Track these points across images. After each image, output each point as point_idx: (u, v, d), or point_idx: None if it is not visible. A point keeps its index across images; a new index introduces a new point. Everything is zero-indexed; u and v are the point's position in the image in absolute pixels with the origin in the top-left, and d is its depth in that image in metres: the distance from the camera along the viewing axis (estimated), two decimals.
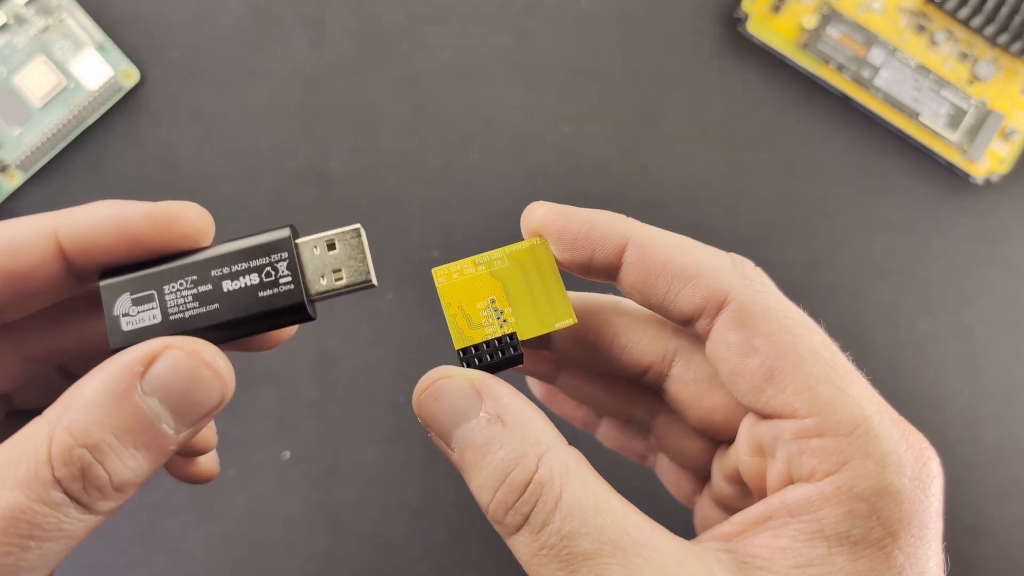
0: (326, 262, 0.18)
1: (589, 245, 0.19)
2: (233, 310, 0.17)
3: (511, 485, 0.17)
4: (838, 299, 0.35)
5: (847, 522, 0.16)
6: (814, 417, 0.17)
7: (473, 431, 0.17)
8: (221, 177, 0.34)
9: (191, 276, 0.18)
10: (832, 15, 0.34)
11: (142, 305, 0.18)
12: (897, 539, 0.16)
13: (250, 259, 0.18)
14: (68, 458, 0.15)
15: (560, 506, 0.16)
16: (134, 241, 0.17)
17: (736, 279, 0.18)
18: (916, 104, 0.34)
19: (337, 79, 0.35)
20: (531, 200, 0.37)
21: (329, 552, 0.33)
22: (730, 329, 0.18)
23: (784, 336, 0.18)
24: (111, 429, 0.16)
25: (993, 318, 0.35)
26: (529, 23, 0.35)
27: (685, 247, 0.19)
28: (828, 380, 0.17)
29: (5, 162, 0.33)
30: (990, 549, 0.34)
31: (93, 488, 0.15)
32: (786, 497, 0.17)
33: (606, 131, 0.35)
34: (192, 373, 0.16)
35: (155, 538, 0.33)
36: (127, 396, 0.16)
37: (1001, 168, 0.35)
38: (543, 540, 0.16)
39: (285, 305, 0.17)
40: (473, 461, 0.17)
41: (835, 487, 0.16)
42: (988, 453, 0.34)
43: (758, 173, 0.35)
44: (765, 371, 0.17)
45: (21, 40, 0.33)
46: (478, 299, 0.19)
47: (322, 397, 0.34)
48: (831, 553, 0.16)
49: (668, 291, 0.18)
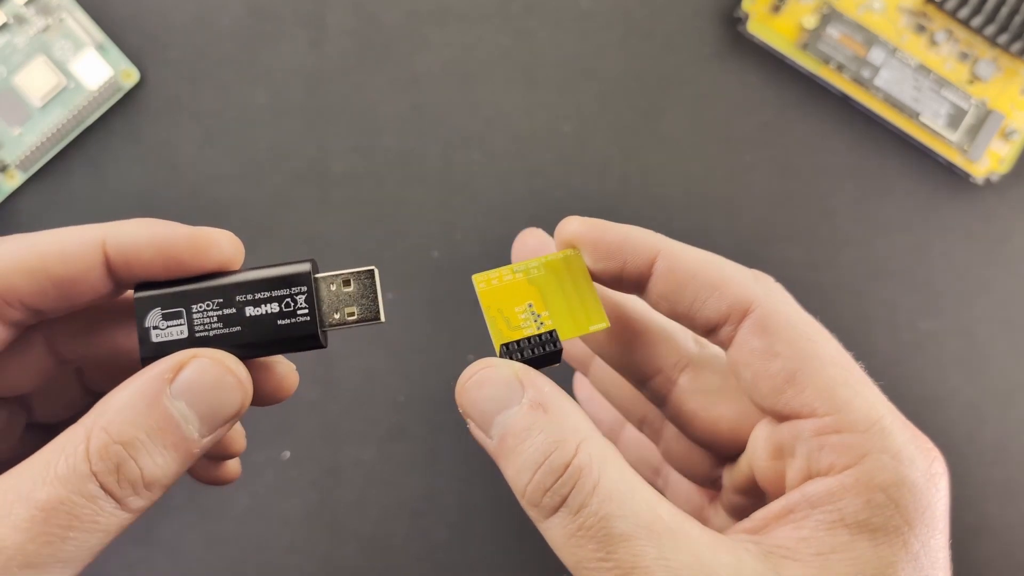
0: (341, 298, 0.20)
1: (621, 255, 0.20)
2: (253, 334, 0.19)
3: (550, 467, 0.17)
4: (838, 299, 0.35)
5: (867, 511, 0.17)
6: (833, 415, 0.18)
7: (515, 417, 0.18)
8: (221, 177, 0.34)
9: (217, 299, 0.19)
10: (832, 15, 0.34)
11: (171, 320, 0.19)
12: (913, 527, 0.17)
13: (272, 289, 0.19)
14: (105, 453, 0.17)
15: (598, 489, 0.17)
16: (172, 260, 0.19)
17: (759, 290, 0.20)
18: (916, 104, 0.34)
19: (337, 79, 0.35)
20: (531, 200, 0.37)
21: (329, 552, 0.33)
22: (754, 335, 0.19)
23: (804, 343, 0.19)
24: (143, 428, 0.17)
25: (993, 318, 0.35)
26: (529, 23, 0.35)
27: (712, 260, 0.20)
28: (845, 383, 0.18)
29: (5, 162, 0.33)
30: (991, 549, 0.34)
31: (127, 483, 0.17)
32: (807, 490, 0.18)
33: (606, 131, 0.35)
34: (217, 380, 0.18)
35: (155, 538, 0.33)
36: (157, 399, 0.17)
37: (1001, 168, 0.35)
38: (580, 521, 0.17)
39: (300, 335, 0.19)
40: (513, 445, 0.18)
41: (854, 479, 0.17)
42: (989, 453, 0.34)
43: (758, 173, 0.35)
44: (787, 374, 0.19)
45: (21, 40, 0.33)
46: (516, 303, 0.20)
47: (322, 397, 0.34)
48: (852, 540, 0.17)
49: (695, 300, 0.20)
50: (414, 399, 0.34)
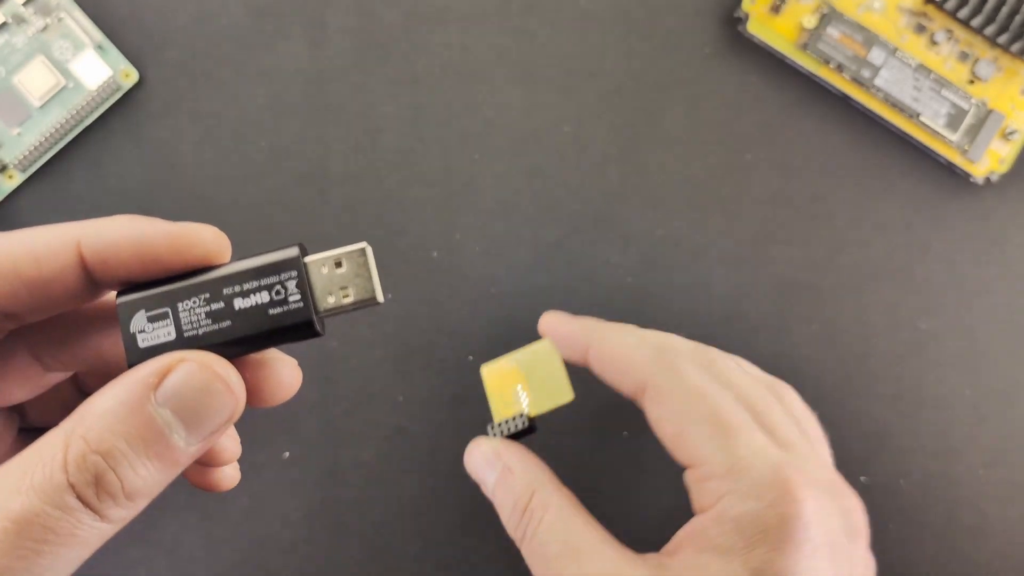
0: (333, 280, 0.18)
1: (567, 346, 0.27)
2: (244, 327, 0.18)
3: (514, 511, 0.25)
4: (838, 299, 0.35)
5: (719, 538, 0.22)
6: (703, 467, 0.23)
7: (494, 478, 0.26)
8: (220, 177, 0.34)
9: (204, 294, 0.18)
10: (832, 15, 0.34)
11: (157, 322, 0.18)
12: (752, 549, 0.22)
13: (260, 278, 0.18)
14: (83, 464, 0.16)
15: (541, 524, 0.24)
16: (152, 259, 0.18)
17: (653, 369, 0.25)
18: (916, 104, 0.34)
19: (337, 79, 0.35)
20: (531, 200, 0.37)
21: (329, 552, 0.33)
22: (651, 407, 0.25)
23: (687, 409, 0.24)
24: (124, 437, 0.16)
25: (993, 318, 0.35)
26: (529, 23, 0.35)
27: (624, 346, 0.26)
28: (711, 438, 0.23)
29: (4, 162, 0.33)
30: (991, 550, 0.34)
31: (106, 494, 0.16)
32: (690, 524, 0.23)
33: (606, 131, 0.35)
34: (204, 385, 0.17)
35: (155, 538, 0.33)
36: (140, 406, 0.16)
37: (1001, 168, 0.35)
38: (530, 547, 0.24)
39: (294, 323, 0.18)
40: (496, 496, 0.26)
41: (714, 513, 0.23)
42: (989, 453, 0.34)
43: (758, 173, 0.35)
44: (675, 436, 0.24)
45: (20, 40, 0.33)
46: (511, 385, 0.28)
47: (322, 397, 0.34)
48: (709, 560, 0.22)
49: (614, 382, 0.26)
50: (414, 399, 0.34)
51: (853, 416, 0.34)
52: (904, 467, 0.34)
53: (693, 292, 0.35)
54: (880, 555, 0.34)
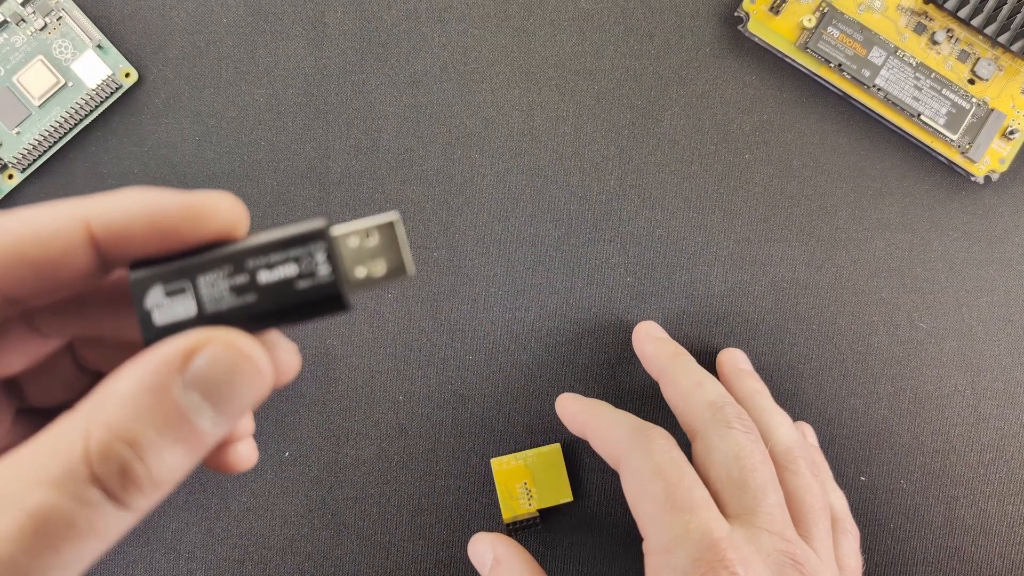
0: (363, 252, 0.17)
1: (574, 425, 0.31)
2: (270, 302, 0.17)
3: None
4: (838, 298, 0.35)
5: None
6: (647, 541, 0.26)
7: (489, 567, 0.30)
8: (221, 177, 0.34)
9: (227, 267, 0.17)
10: (832, 14, 0.34)
11: (176, 297, 0.17)
12: None
13: (287, 249, 0.17)
14: (107, 454, 0.15)
15: None
16: (167, 232, 0.17)
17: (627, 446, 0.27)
18: (916, 103, 0.34)
19: (337, 79, 0.35)
20: (531, 200, 0.37)
21: (329, 551, 0.33)
22: (622, 482, 0.27)
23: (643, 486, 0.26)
24: (151, 424, 0.15)
25: (993, 317, 0.35)
26: (528, 23, 0.35)
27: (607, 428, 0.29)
28: (653, 518, 0.26)
29: (3, 161, 0.33)
30: (992, 549, 0.34)
31: (132, 485, 0.15)
32: None
33: (605, 131, 0.35)
34: (233, 367, 0.16)
35: (155, 536, 0.33)
36: (167, 390, 0.15)
37: (1001, 167, 0.35)
38: None
39: (323, 296, 0.17)
40: None
41: None
42: (989, 452, 0.34)
43: (757, 172, 0.35)
44: (633, 510, 0.27)
45: (19, 39, 0.33)
46: (517, 481, 0.33)
47: (322, 396, 0.34)
48: None
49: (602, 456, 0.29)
50: (414, 399, 0.34)
51: (853, 416, 0.34)
52: (904, 467, 0.34)
53: (693, 292, 0.35)
54: (880, 555, 0.34)
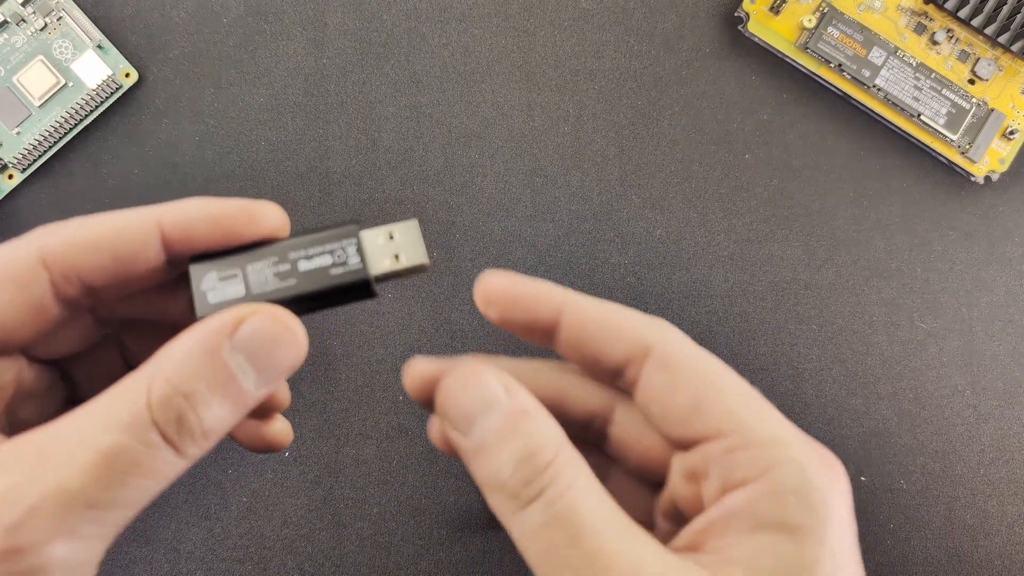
0: (388, 249, 0.21)
1: (534, 308, 0.21)
2: (308, 285, 0.20)
3: (533, 464, 0.19)
4: (838, 298, 0.35)
5: (782, 512, 0.19)
6: (739, 434, 0.20)
7: (502, 416, 0.19)
8: (221, 177, 0.34)
9: (272, 257, 0.20)
10: (832, 15, 0.34)
11: (227, 281, 0.20)
12: (825, 525, 0.19)
13: (324, 244, 0.21)
14: (167, 404, 0.17)
15: (572, 488, 0.18)
16: (227, 230, 0.20)
17: (657, 332, 0.21)
18: (916, 104, 0.34)
19: (337, 79, 0.35)
20: (530, 200, 0.37)
21: (329, 551, 0.33)
22: (657, 372, 0.21)
23: (704, 375, 0.21)
24: (204, 380, 0.18)
25: (993, 317, 0.35)
26: (528, 23, 0.35)
27: (612, 309, 0.22)
28: (745, 406, 0.20)
29: (3, 161, 0.33)
30: (992, 549, 0.34)
31: (186, 432, 0.17)
32: (724, 504, 0.19)
33: (606, 131, 0.35)
34: (275, 335, 0.19)
35: (155, 537, 0.33)
36: (217, 351, 0.18)
37: (1002, 168, 0.35)
38: (555, 511, 0.18)
39: (353, 281, 0.20)
40: (496, 442, 0.19)
41: (766, 486, 0.19)
42: (989, 452, 0.34)
43: (757, 172, 0.35)
44: (692, 403, 0.20)
45: (20, 40, 0.33)
46: None
47: (322, 396, 0.34)
48: (775, 540, 0.18)
49: (601, 345, 0.21)
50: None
51: (853, 416, 0.34)
52: (904, 467, 0.34)
53: (693, 292, 0.35)
54: (880, 555, 0.34)
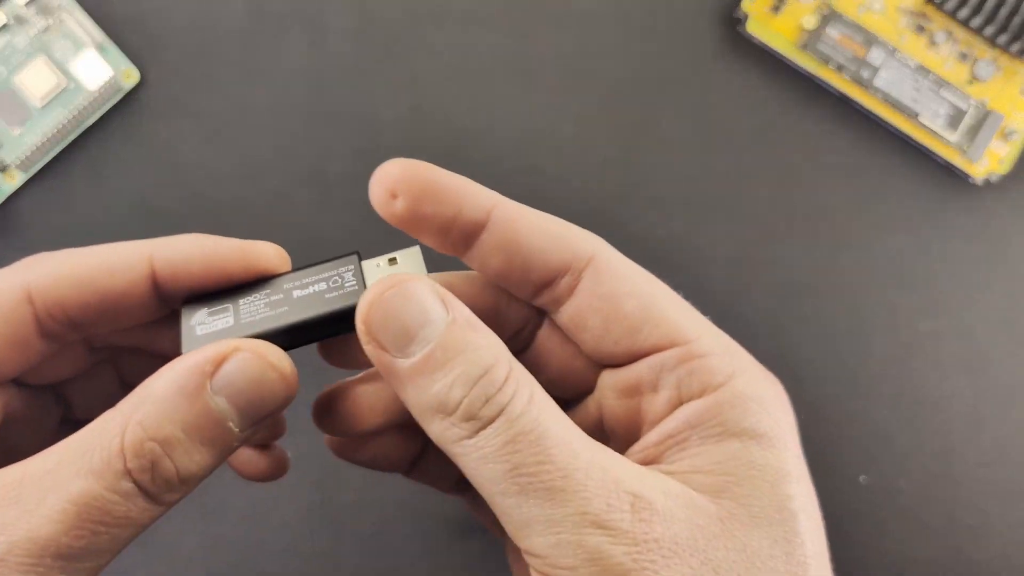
0: (388, 273, 0.19)
1: (457, 202, 0.19)
2: (301, 312, 0.19)
3: (490, 379, 0.17)
4: (838, 299, 0.35)
5: (748, 419, 0.18)
6: (695, 343, 0.19)
7: (446, 331, 0.17)
8: (221, 177, 0.34)
9: (266, 290, 0.19)
10: (832, 15, 0.34)
11: (217, 316, 0.19)
12: (786, 432, 0.18)
13: (320, 273, 0.19)
14: (139, 450, 0.16)
15: (534, 400, 0.17)
16: (220, 272, 0.19)
17: (597, 243, 0.20)
18: (916, 104, 0.34)
19: (337, 79, 0.35)
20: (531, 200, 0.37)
21: (329, 552, 0.33)
22: (602, 279, 0.19)
23: (646, 285, 0.20)
24: (180, 425, 0.17)
25: (993, 318, 0.35)
26: (529, 23, 0.35)
27: (549, 216, 0.20)
28: (693, 317, 0.20)
29: (5, 162, 0.33)
30: (992, 550, 0.34)
31: (161, 480, 0.17)
32: (683, 415, 0.18)
33: (606, 131, 0.35)
34: (259, 375, 0.17)
35: (154, 539, 0.33)
36: (197, 394, 0.17)
37: (1001, 168, 0.35)
38: (519, 427, 0.16)
39: (350, 304, 0.18)
40: (444, 359, 0.17)
41: (730, 393, 0.18)
42: (989, 453, 0.34)
43: (758, 173, 0.35)
44: (641, 311, 0.19)
45: (21, 40, 0.34)
46: None
47: None
48: (744, 446, 0.18)
49: (535, 250, 0.19)
50: None
51: (853, 416, 0.34)
52: (904, 467, 0.34)
53: (693, 292, 0.35)
54: (880, 555, 0.34)
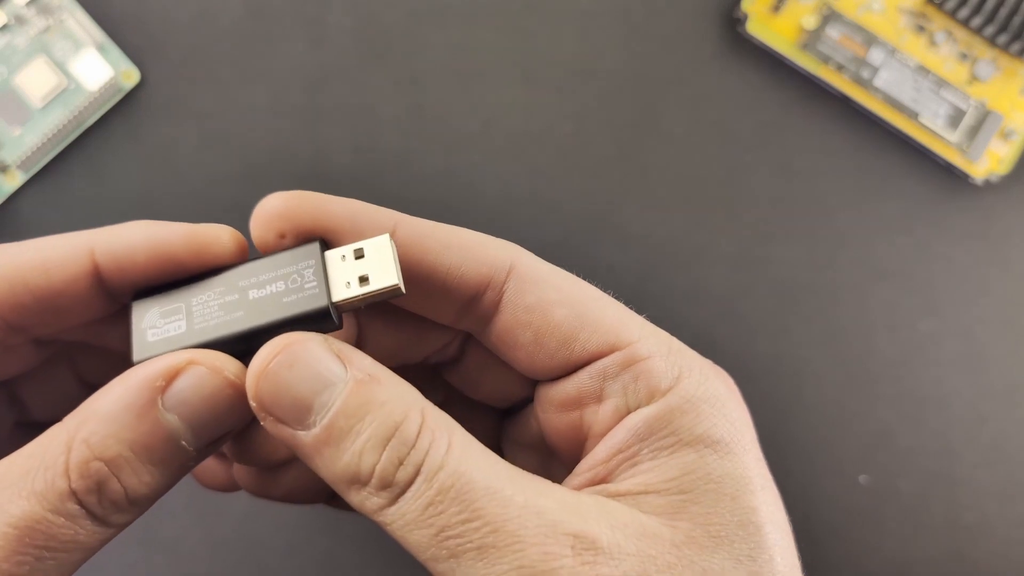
0: (354, 270, 0.17)
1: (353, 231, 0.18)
2: (257, 317, 0.17)
3: (402, 438, 0.15)
4: (837, 299, 0.35)
5: (700, 425, 0.16)
6: (638, 345, 0.17)
7: (346, 394, 0.16)
8: (221, 177, 0.34)
9: (219, 288, 0.17)
10: (832, 15, 0.34)
11: (169, 318, 0.17)
12: (742, 432, 0.17)
13: (277, 268, 0.17)
14: (85, 471, 0.15)
15: (452, 450, 0.15)
16: (169, 261, 0.17)
17: (514, 252, 0.19)
18: (916, 104, 0.34)
19: (337, 79, 0.35)
20: (531, 200, 0.37)
21: (329, 552, 0.33)
22: (527, 290, 0.18)
23: (573, 289, 0.18)
24: (129, 444, 0.15)
25: (993, 318, 0.35)
26: (529, 23, 0.35)
27: (457, 229, 0.18)
28: (628, 317, 0.18)
29: (5, 162, 0.33)
30: (992, 550, 0.34)
31: (108, 502, 0.15)
32: (630, 425, 0.17)
33: (606, 131, 0.35)
34: (215, 391, 0.16)
35: (154, 539, 0.33)
36: (147, 411, 0.15)
37: (1000, 168, 0.35)
38: (439, 485, 0.15)
39: (309, 309, 0.17)
40: (349, 426, 0.15)
41: (679, 397, 0.17)
42: (989, 453, 0.34)
43: (757, 173, 0.35)
44: (574, 318, 0.18)
45: (21, 40, 0.34)
46: None
47: None
48: (699, 456, 0.16)
49: (451, 267, 0.18)
50: None
51: (853, 416, 0.34)
52: (904, 467, 0.34)
53: (693, 292, 0.35)
54: (880, 555, 0.34)
